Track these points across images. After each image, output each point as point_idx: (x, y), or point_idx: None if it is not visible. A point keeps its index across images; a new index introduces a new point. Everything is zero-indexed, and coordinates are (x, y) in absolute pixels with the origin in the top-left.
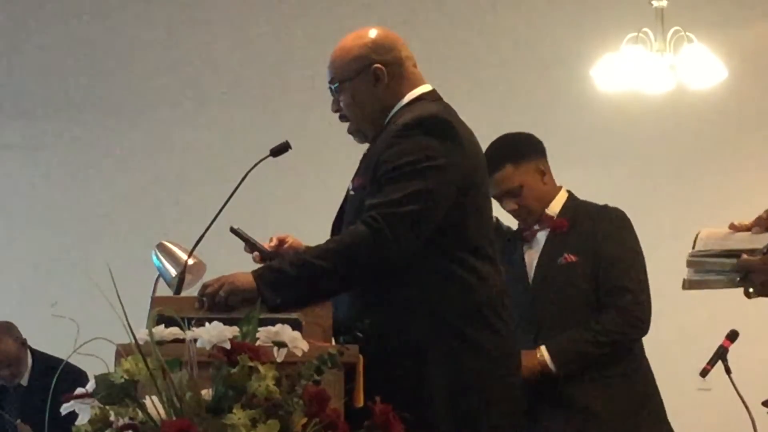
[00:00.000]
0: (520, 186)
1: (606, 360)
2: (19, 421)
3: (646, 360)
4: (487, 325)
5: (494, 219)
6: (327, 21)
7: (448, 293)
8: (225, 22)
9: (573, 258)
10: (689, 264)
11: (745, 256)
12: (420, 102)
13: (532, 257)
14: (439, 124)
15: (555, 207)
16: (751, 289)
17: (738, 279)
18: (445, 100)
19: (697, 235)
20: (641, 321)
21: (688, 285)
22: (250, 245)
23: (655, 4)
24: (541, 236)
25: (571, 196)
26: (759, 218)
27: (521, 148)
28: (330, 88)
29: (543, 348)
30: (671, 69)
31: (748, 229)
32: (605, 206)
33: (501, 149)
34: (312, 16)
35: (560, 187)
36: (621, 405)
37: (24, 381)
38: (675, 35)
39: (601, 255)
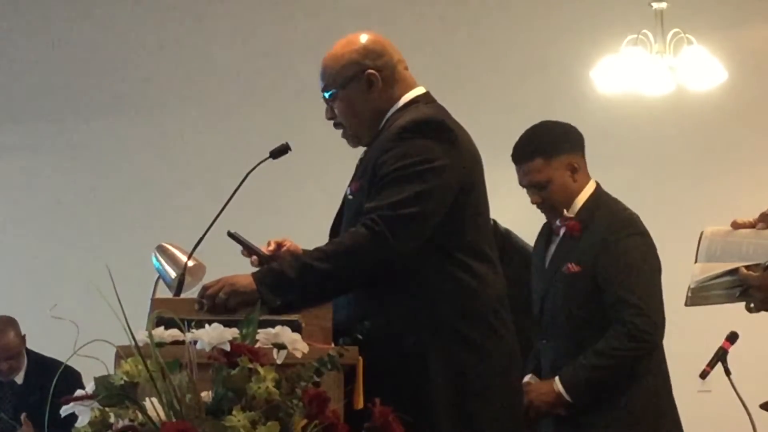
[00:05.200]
0: (548, 181)
1: (618, 380)
2: (24, 415)
3: (657, 375)
4: (487, 326)
5: (491, 220)
6: (327, 22)
7: (447, 295)
8: (226, 24)
9: (576, 268)
10: (694, 292)
11: (743, 270)
12: (415, 105)
13: (549, 257)
14: (436, 126)
15: (576, 206)
16: (752, 305)
17: (738, 294)
18: (445, 102)
19: (701, 234)
20: (646, 333)
21: (690, 302)
22: (248, 249)
23: (654, 5)
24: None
25: (594, 195)
26: (763, 214)
27: (557, 142)
28: (323, 96)
29: (557, 379)
30: (671, 71)
31: (752, 225)
32: (621, 211)
33: (536, 139)
34: (312, 17)
35: (590, 183)
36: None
37: (19, 379)
38: (675, 37)
39: (600, 268)
